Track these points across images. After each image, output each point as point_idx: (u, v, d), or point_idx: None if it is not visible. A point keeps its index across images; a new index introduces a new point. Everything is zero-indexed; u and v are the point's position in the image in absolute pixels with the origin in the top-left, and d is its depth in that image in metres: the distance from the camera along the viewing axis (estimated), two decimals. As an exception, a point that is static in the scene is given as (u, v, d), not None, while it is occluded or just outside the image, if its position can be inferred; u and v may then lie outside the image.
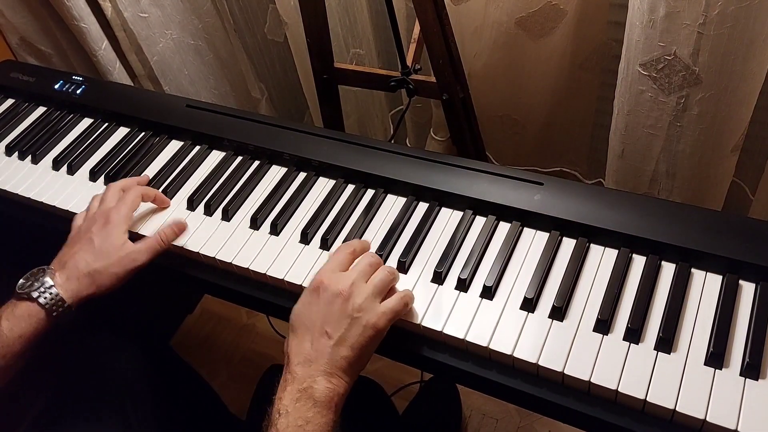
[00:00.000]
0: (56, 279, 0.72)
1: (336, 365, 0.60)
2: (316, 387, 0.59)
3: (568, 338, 0.62)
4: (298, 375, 0.60)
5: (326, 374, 0.60)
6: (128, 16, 1.25)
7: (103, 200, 0.80)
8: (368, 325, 0.61)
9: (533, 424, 1.26)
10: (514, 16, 1.08)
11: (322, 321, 0.61)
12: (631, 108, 1.00)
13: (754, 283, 0.64)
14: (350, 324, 0.61)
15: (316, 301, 0.63)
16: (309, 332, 0.62)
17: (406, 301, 0.65)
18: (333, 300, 0.62)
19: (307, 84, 1.46)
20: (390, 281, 0.66)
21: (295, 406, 0.58)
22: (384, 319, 0.62)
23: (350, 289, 0.62)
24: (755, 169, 1.16)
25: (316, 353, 0.60)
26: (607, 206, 0.71)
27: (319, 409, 0.58)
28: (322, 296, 0.63)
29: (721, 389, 0.57)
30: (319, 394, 0.59)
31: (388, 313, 0.63)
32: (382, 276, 0.65)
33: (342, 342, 0.61)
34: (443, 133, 1.37)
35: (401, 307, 0.64)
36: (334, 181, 0.83)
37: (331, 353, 0.60)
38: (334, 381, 0.60)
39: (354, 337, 0.61)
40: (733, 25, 0.84)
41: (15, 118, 1.04)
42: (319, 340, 0.61)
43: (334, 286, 0.63)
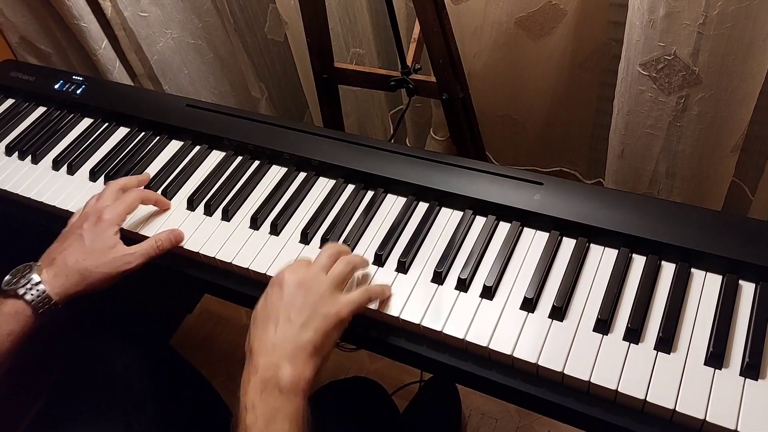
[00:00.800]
0: (43, 275, 0.71)
1: (300, 348, 0.60)
2: (280, 375, 0.58)
3: (567, 338, 0.63)
4: (261, 365, 0.59)
5: (290, 359, 0.59)
6: (128, 15, 1.25)
7: (100, 198, 0.79)
8: (330, 313, 0.62)
9: (533, 424, 1.26)
10: (514, 16, 1.08)
11: (285, 310, 0.62)
12: (631, 108, 1.00)
13: (754, 283, 0.64)
14: (313, 311, 0.62)
15: (279, 294, 0.64)
16: (272, 321, 0.62)
17: (369, 295, 0.67)
18: (295, 291, 0.63)
19: (307, 84, 1.46)
20: (349, 272, 0.67)
21: (261, 397, 0.57)
22: (346, 309, 0.63)
23: (310, 282, 0.64)
24: (755, 169, 1.16)
25: (279, 339, 0.60)
26: (607, 206, 0.71)
27: (287, 396, 0.57)
28: (284, 289, 0.64)
29: (721, 389, 0.57)
30: (285, 382, 0.58)
31: (350, 303, 0.64)
32: (341, 268, 0.66)
33: (305, 326, 0.61)
34: (443, 132, 1.37)
35: (364, 299, 0.66)
36: (334, 181, 0.83)
37: (296, 337, 0.60)
38: (299, 366, 0.59)
39: (318, 322, 0.61)
40: (733, 25, 0.84)
41: (15, 118, 1.04)
42: (283, 327, 0.61)
43: (295, 278, 0.64)
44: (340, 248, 0.70)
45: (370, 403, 0.93)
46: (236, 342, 1.49)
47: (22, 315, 0.69)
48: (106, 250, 0.73)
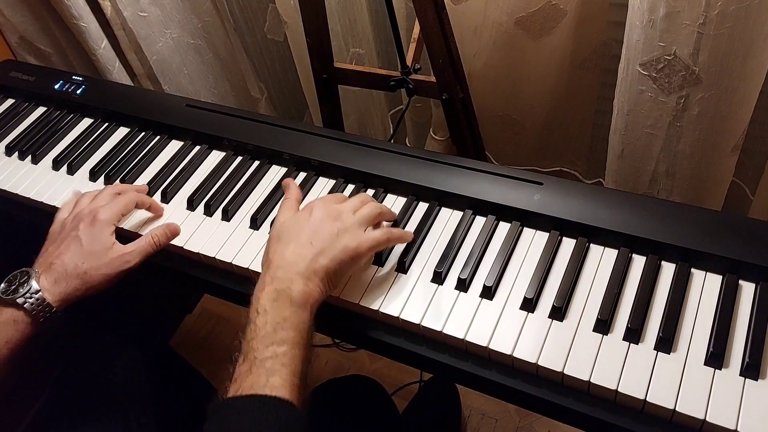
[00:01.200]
0: (42, 282, 0.70)
1: (314, 271, 0.63)
2: (293, 288, 0.61)
3: (567, 338, 0.62)
4: (278, 276, 0.62)
5: (303, 277, 0.62)
6: (128, 15, 1.25)
7: (96, 198, 0.78)
8: (350, 245, 0.65)
9: (533, 424, 1.26)
10: (514, 16, 1.08)
11: (309, 234, 0.65)
12: (631, 108, 1.00)
13: (754, 283, 0.64)
14: (333, 241, 0.65)
15: (306, 218, 0.67)
16: (294, 242, 0.65)
17: (388, 235, 0.69)
18: (322, 218, 0.67)
19: (306, 84, 1.46)
20: (377, 214, 0.70)
21: (272, 305, 0.60)
22: (366, 244, 0.66)
23: (338, 214, 0.67)
24: (755, 169, 1.16)
25: (297, 257, 0.64)
26: (606, 206, 0.71)
27: (295, 308, 0.61)
28: (313, 215, 0.67)
29: (721, 389, 0.57)
30: (296, 295, 0.61)
31: (370, 240, 0.67)
32: (370, 210, 0.70)
33: (323, 253, 0.64)
34: (443, 132, 1.37)
35: (384, 239, 0.68)
36: (334, 181, 0.83)
37: (312, 259, 0.63)
38: (311, 285, 0.63)
39: (335, 251, 0.64)
40: (733, 25, 0.84)
41: (15, 118, 1.04)
42: (303, 248, 0.64)
43: (325, 209, 0.68)
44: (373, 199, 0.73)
45: (368, 401, 0.93)
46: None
47: (21, 323, 0.68)
48: (104, 251, 0.73)
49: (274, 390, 0.55)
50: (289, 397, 0.56)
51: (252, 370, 0.57)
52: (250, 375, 0.56)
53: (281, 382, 0.56)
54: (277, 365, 0.57)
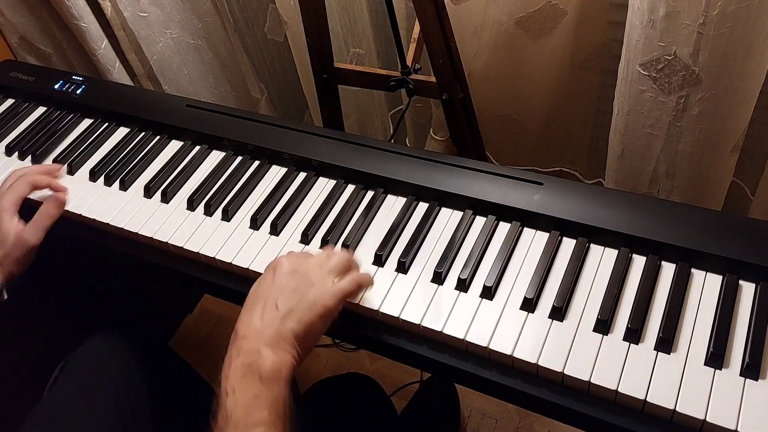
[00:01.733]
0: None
1: (282, 337, 0.60)
2: (261, 361, 0.58)
3: (568, 338, 0.62)
4: (243, 348, 0.59)
5: (271, 346, 0.59)
6: (128, 15, 1.25)
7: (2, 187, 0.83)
8: (317, 302, 0.62)
9: (533, 424, 1.26)
10: (514, 16, 1.08)
11: (274, 294, 0.63)
12: (631, 108, 1.00)
13: (754, 283, 0.64)
14: (300, 299, 0.62)
15: (271, 278, 0.64)
16: (259, 305, 0.62)
17: (358, 281, 0.66)
18: (286, 278, 0.64)
19: (307, 84, 1.46)
20: (346, 262, 0.67)
21: (241, 383, 0.57)
22: (334, 298, 0.63)
23: (303, 270, 0.64)
24: (755, 169, 1.16)
25: (263, 325, 0.61)
26: (607, 206, 0.71)
27: (267, 383, 0.57)
28: (277, 273, 0.64)
29: (721, 389, 0.57)
30: (265, 369, 0.58)
31: (338, 293, 0.63)
32: (339, 258, 0.66)
33: (290, 315, 0.61)
34: (443, 133, 1.37)
35: (353, 288, 0.65)
36: (334, 181, 0.83)
37: (279, 324, 0.60)
38: (280, 354, 0.59)
39: (302, 311, 0.61)
40: (733, 25, 0.84)
41: (15, 118, 1.04)
42: (269, 312, 0.61)
43: (289, 265, 0.65)
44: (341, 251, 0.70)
45: (364, 399, 0.93)
46: (236, 342, 1.49)
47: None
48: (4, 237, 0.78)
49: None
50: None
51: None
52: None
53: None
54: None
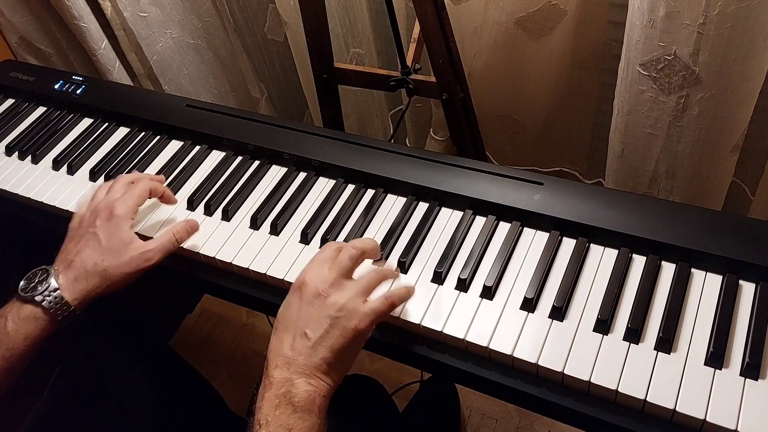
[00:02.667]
0: (60, 280, 0.69)
1: (314, 367, 0.58)
2: (294, 391, 0.57)
3: (568, 338, 0.62)
4: (276, 379, 0.57)
5: (305, 375, 0.58)
6: (128, 15, 1.25)
7: (110, 191, 0.76)
8: (348, 327, 0.59)
9: (533, 424, 1.26)
10: (514, 16, 1.08)
11: (303, 322, 0.60)
12: (631, 108, 1.00)
13: (754, 283, 0.64)
14: (330, 325, 0.59)
15: (297, 302, 0.61)
16: (288, 333, 0.60)
17: (391, 301, 0.63)
18: (313, 300, 0.60)
19: (307, 84, 1.46)
20: (378, 280, 0.64)
21: (274, 414, 0.56)
22: (366, 320, 0.60)
23: (330, 289, 0.61)
24: (755, 169, 1.16)
25: (294, 354, 0.58)
26: (607, 206, 0.71)
27: (300, 414, 0.56)
28: (303, 296, 0.61)
29: (721, 389, 0.57)
30: (299, 399, 0.56)
31: (371, 314, 0.60)
32: (369, 277, 0.63)
33: (320, 343, 0.58)
34: (443, 132, 1.37)
35: (386, 308, 0.62)
36: (334, 181, 0.83)
37: (310, 354, 0.58)
38: (314, 383, 0.58)
39: (333, 338, 0.59)
40: (733, 25, 0.84)
41: (15, 118, 1.04)
42: (298, 341, 0.59)
43: (315, 285, 0.61)
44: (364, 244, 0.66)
45: (368, 401, 0.93)
46: (236, 342, 1.50)
47: (41, 320, 0.68)
48: (123, 247, 0.70)
49: None
50: None
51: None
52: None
53: None
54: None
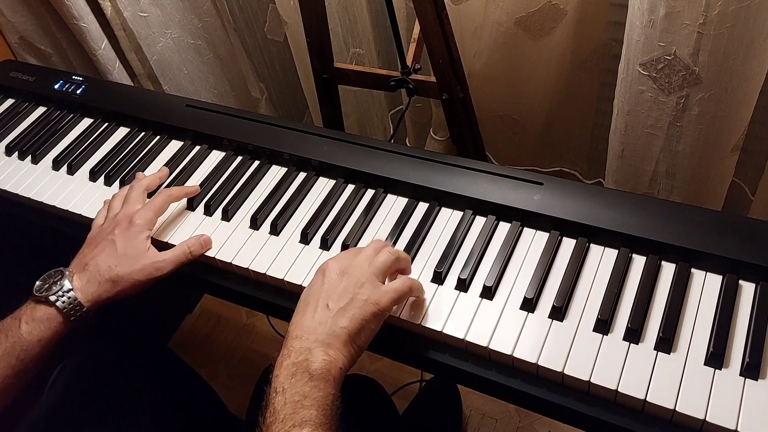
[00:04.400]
0: (75, 282, 0.70)
1: (334, 335, 0.60)
2: (312, 359, 0.58)
3: (568, 338, 0.62)
4: (295, 348, 0.59)
5: (323, 345, 0.59)
6: (128, 15, 1.25)
7: (127, 201, 0.78)
8: (370, 300, 0.62)
9: (533, 424, 1.26)
10: (514, 16, 1.08)
11: (325, 295, 0.63)
12: (631, 108, 1.00)
13: (754, 283, 0.64)
14: (352, 299, 0.62)
15: (321, 280, 0.64)
16: (310, 306, 0.62)
17: (410, 284, 0.65)
18: (336, 278, 0.63)
19: (306, 84, 1.46)
20: (393, 261, 0.66)
21: (291, 381, 0.57)
22: (386, 297, 0.63)
23: (353, 270, 0.64)
24: (755, 169, 1.16)
25: (315, 324, 0.61)
26: (607, 206, 0.71)
27: (316, 382, 0.57)
28: (327, 275, 0.64)
29: (721, 389, 0.57)
30: (315, 367, 0.58)
31: (391, 292, 0.63)
32: (385, 257, 0.66)
33: (342, 314, 0.61)
34: (443, 133, 1.37)
35: (405, 289, 0.65)
36: (334, 181, 0.83)
37: (330, 323, 0.60)
38: (332, 353, 0.59)
39: (354, 309, 0.61)
40: (733, 25, 0.84)
41: (15, 118, 1.04)
42: (320, 312, 0.61)
43: (338, 267, 0.64)
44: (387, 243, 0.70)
45: (367, 401, 0.93)
46: (236, 342, 1.50)
47: (54, 321, 0.69)
48: (138, 256, 0.73)
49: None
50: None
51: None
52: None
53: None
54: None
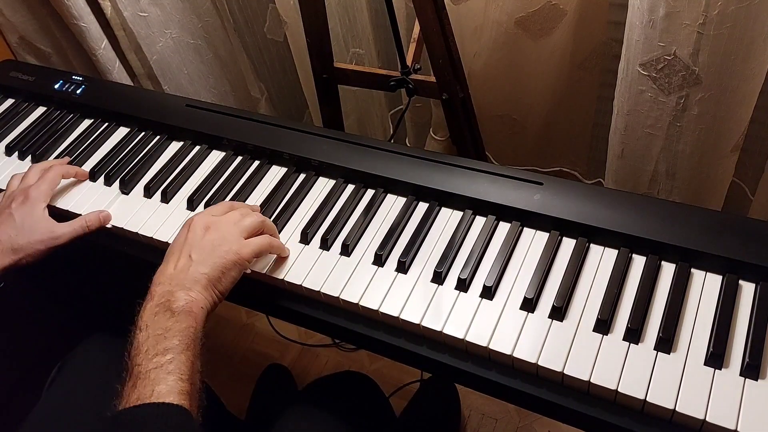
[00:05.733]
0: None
1: (194, 280, 0.65)
2: (173, 300, 0.63)
3: (567, 338, 0.63)
4: (158, 292, 0.64)
5: (184, 288, 0.64)
6: (128, 15, 1.25)
7: (25, 178, 0.85)
8: (230, 250, 0.67)
9: (533, 424, 1.26)
10: (514, 16, 1.08)
11: (188, 246, 0.67)
12: (631, 108, 1.00)
13: (754, 283, 0.64)
14: (212, 250, 0.67)
15: (185, 234, 0.69)
16: (174, 256, 0.67)
17: (269, 241, 0.71)
18: (200, 232, 0.69)
19: (306, 84, 1.46)
20: (259, 223, 0.71)
21: (153, 319, 0.61)
22: (247, 249, 0.68)
23: (217, 225, 0.69)
24: (755, 169, 1.16)
25: (177, 272, 0.65)
26: (606, 206, 0.71)
27: (178, 317, 0.61)
28: (191, 229, 0.69)
29: (721, 389, 0.57)
30: (177, 305, 0.62)
31: (252, 245, 0.69)
32: (252, 219, 0.71)
33: (202, 262, 0.66)
34: (443, 132, 1.37)
35: (265, 243, 0.70)
36: (334, 181, 0.83)
37: (192, 270, 0.65)
38: (192, 294, 0.64)
39: (215, 258, 0.66)
40: (733, 25, 0.84)
41: (15, 118, 1.04)
42: (182, 261, 0.66)
43: (204, 222, 0.70)
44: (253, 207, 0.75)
45: (360, 397, 0.93)
46: (236, 342, 1.50)
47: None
48: (35, 226, 0.79)
49: (160, 398, 0.55)
50: (177, 401, 0.56)
51: (137, 384, 0.57)
52: (135, 389, 0.57)
53: (167, 389, 0.56)
54: (162, 374, 0.57)
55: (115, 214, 0.84)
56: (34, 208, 0.80)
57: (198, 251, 0.67)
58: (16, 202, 0.80)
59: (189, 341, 0.60)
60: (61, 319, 0.76)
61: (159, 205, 0.85)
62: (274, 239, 0.72)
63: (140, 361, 0.58)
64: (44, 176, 0.84)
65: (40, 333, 0.75)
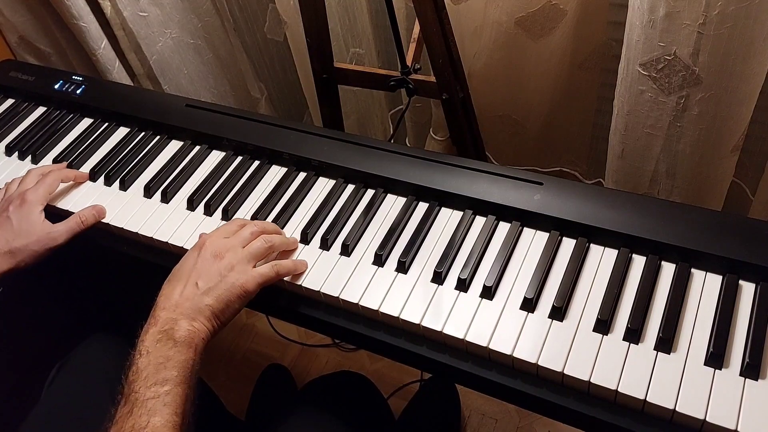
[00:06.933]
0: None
1: (199, 310, 0.64)
2: (176, 328, 0.63)
3: (567, 338, 0.62)
4: (162, 318, 0.64)
5: (188, 318, 0.64)
6: (127, 15, 1.25)
7: (23, 182, 0.85)
8: (236, 283, 0.67)
9: (533, 424, 1.26)
10: (514, 16, 1.08)
11: (196, 274, 0.67)
12: (631, 108, 1.00)
13: (754, 283, 0.64)
14: (220, 281, 0.67)
15: (195, 257, 0.69)
16: (181, 282, 0.67)
17: (277, 270, 0.70)
18: (209, 259, 0.68)
19: (306, 84, 1.46)
20: (266, 250, 0.71)
21: (156, 346, 0.61)
22: (253, 282, 0.68)
23: (226, 253, 0.69)
24: (755, 169, 1.16)
25: (183, 299, 0.65)
26: (607, 206, 0.71)
27: (179, 348, 0.62)
28: (201, 254, 0.69)
29: (721, 389, 0.57)
30: (180, 335, 0.62)
31: (258, 277, 0.68)
32: (259, 245, 0.71)
33: (209, 292, 0.66)
34: (443, 132, 1.37)
35: (272, 274, 0.69)
36: (334, 181, 0.83)
37: (197, 300, 0.65)
38: (196, 324, 0.64)
39: (221, 290, 0.66)
40: (733, 25, 0.84)
41: (15, 118, 1.04)
42: (189, 289, 0.66)
43: (213, 248, 0.69)
44: (265, 226, 0.74)
45: (356, 396, 0.93)
46: (236, 342, 1.50)
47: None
48: (32, 229, 0.79)
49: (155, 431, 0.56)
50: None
51: (133, 411, 0.57)
52: (131, 416, 0.57)
53: (162, 422, 0.56)
54: (158, 405, 0.57)
55: (115, 214, 0.84)
56: (31, 211, 0.80)
57: (205, 279, 0.66)
58: (13, 205, 0.81)
59: (187, 374, 0.61)
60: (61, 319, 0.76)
61: (159, 205, 0.85)
62: (281, 265, 0.71)
63: (138, 387, 0.59)
64: (42, 180, 0.84)
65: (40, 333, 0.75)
